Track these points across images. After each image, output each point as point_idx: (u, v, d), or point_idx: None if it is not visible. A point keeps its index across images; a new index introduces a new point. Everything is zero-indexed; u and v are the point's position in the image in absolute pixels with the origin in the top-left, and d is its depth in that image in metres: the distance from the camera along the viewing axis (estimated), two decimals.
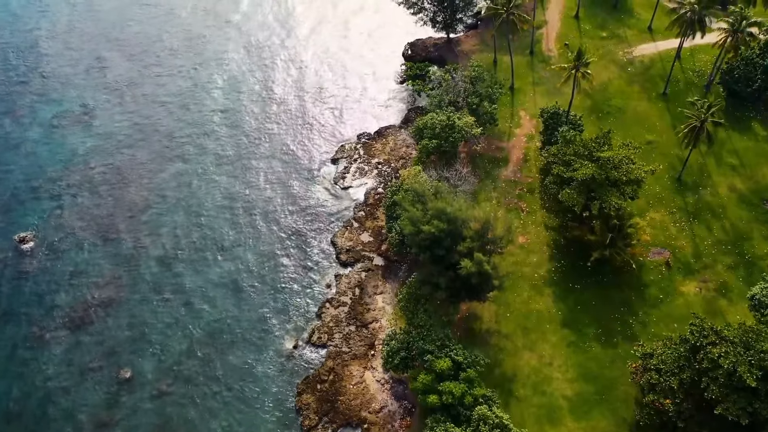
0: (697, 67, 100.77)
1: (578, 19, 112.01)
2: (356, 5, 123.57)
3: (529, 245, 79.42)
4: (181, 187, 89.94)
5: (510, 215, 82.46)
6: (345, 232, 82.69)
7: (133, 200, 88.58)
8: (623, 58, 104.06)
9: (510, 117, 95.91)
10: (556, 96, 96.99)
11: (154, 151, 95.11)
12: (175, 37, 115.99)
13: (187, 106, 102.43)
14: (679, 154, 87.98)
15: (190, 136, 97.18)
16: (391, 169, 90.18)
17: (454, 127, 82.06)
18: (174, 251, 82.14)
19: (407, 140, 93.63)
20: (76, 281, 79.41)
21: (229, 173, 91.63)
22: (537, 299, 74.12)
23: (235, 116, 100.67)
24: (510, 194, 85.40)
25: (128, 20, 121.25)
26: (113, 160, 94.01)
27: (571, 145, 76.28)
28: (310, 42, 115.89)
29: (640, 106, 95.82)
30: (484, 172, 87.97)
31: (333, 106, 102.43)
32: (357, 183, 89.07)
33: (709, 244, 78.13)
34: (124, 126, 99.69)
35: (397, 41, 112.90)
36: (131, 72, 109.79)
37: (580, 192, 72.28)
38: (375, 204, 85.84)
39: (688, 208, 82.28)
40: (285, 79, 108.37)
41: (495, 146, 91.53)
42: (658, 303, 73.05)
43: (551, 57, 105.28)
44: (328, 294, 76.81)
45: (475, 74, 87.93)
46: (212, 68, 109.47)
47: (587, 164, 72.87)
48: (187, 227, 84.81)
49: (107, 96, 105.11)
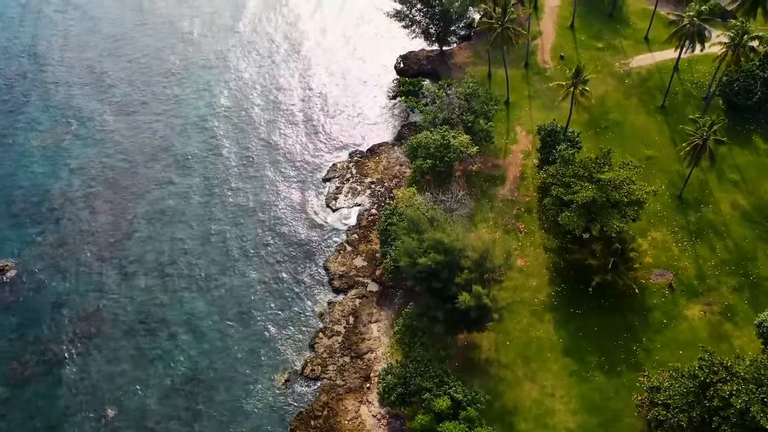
0: (696, 79, 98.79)
1: (573, 30, 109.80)
2: (345, 17, 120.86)
3: (528, 268, 76.99)
4: (167, 211, 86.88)
5: (508, 237, 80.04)
6: (338, 257, 79.96)
7: (118, 225, 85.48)
8: (620, 69, 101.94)
9: (506, 133, 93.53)
10: (552, 110, 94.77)
11: (138, 173, 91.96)
12: (164, 54, 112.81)
13: (172, 126, 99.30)
14: (679, 170, 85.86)
15: (175, 158, 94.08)
16: (384, 188, 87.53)
17: (449, 147, 79.55)
18: (159, 279, 79.14)
19: (400, 158, 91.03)
20: (58, 313, 76.27)
21: (216, 196, 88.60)
22: (537, 326, 71.70)
23: (223, 137, 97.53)
24: (507, 214, 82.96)
25: (118, 32, 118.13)
26: (97, 183, 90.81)
27: (571, 165, 73.94)
28: (300, 58, 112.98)
29: (639, 120, 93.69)
30: (480, 191, 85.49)
31: (324, 123, 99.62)
32: (349, 204, 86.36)
33: (712, 264, 75.97)
34: (108, 146, 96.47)
35: (389, 54, 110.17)
36: (115, 89, 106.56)
37: (580, 215, 69.99)
38: (368, 226, 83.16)
39: (690, 226, 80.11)
40: (274, 97, 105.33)
41: (491, 163, 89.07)
42: (662, 328, 70.78)
43: (547, 69, 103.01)
44: (320, 323, 74.02)
45: (469, 91, 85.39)
46: (197, 89, 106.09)
47: (587, 186, 70.59)
48: (173, 253, 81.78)
49: (93, 114, 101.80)
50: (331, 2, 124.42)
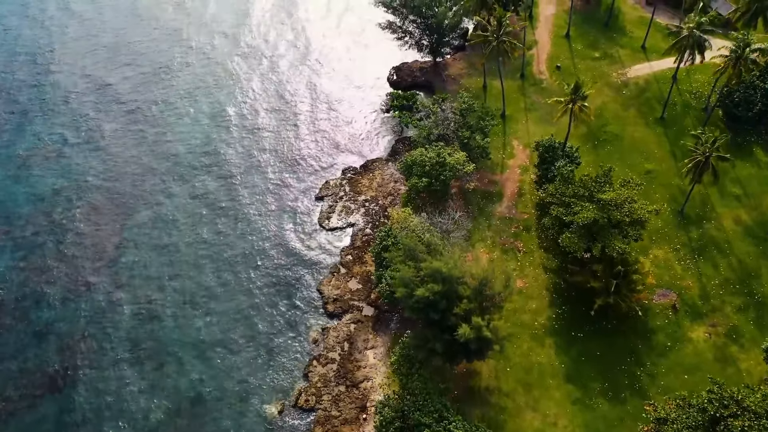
0: (695, 89, 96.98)
1: (569, 39, 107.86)
2: (336, 29, 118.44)
3: (528, 290, 74.84)
4: (155, 233, 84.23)
5: (506, 257, 78.07)
6: (332, 279, 77.56)
7: (104, 248, 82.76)
8: (617, 80, 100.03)
9: (502, 147, 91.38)
10: (549, 123, 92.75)
11: (125, 193, 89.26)
12: (156, 66, 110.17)
13: (162, 141, 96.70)
14: (680, 184, 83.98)
15: (163, 177, 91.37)
16: (378, 207, 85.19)
17: (444, 165, 77.36)
18: (146, 306, 76.50)
19: (395, 174, 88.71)
20: (42, 343, 73.52)
21: (206, 216, 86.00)
22: (538, 351, 69.54)
23: (213, 154, 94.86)
24: (505, 233, 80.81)
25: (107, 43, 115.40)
26: (83, 204, 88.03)
27: (570, 184, 71.85)
28: (290, 72, 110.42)
29: (638, 132, 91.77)
30: (477, 209, 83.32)
31: (316, 138, 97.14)
32: (343, 223, 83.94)
33: (716, 283, 74.06)
34: (96, 164, 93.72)
35: (382, 66, 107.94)
36: (103, 104, 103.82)
37: (581, 236, 67.93)
38: (363, 247, 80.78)
39: (693, 244, 78.18)
40: (264, 113, 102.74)
41: (488, 179, 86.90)
42: (666, 351, 68.77)
43: (543, 80, 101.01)
44: (314, 350, 71.59)
45: (465, 106, 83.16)
46: (186, 102, 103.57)
47: (588, 206, 68.54)
48: (162, 278, 79.15)
49: (81, 130, 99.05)
50: (321, 14, 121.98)
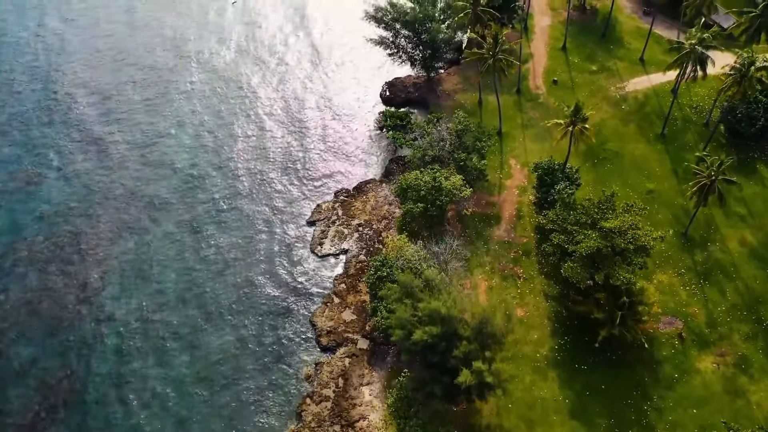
0: (695, 103, 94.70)
1: (566, 51, 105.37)
2: (327, 42, 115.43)
3: (529, 319, 72.14)
4: (140, 262, 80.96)
5: (506, 283, 75.37)
6: (325, 310, 74.61)
7: (87, 279, 79.43)
8: (616, 94, 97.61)
9: (499, 166, 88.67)
10: (546, 140, 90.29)
11: (109, 219, 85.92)
12: (141, 86, 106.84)
13: (147, 164, 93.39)
14: (683, 204, 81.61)
15: (150, 201, 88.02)
16: (373, 231, 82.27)
17: (441, 189, 74.57)
18: (131, 340, 73.31)
19: (389, 197, 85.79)
20: (22, 382, 70.17)
21: (193, 244, 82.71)
22: (541, 385, 66.83)
23: (200, 178, 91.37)
24: (504, 258, 78.07)
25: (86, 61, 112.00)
26: (66, 232, 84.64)
27: (572, 211, 69.22)
28: (279, 88, 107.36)
29: (638, 149, 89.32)
30: (474, 232, 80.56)
31: (307, 159, 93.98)
32: (336, 249, 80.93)
33: (723, 310, 71.63)
34: (79, 189, 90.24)
35: (374, 81, 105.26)
36: (86, 126, 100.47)
37: (584, 266, 65.32)
38: (357, 274, 77.85)
39: (698, 267, 75.73)
40: (253, 131, 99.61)
41: (485, 201, 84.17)
42: (673, 383, 66.22)
43: (540, 95, 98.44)
44: (307, 387, 68.58)
45: (461, 126, 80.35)
46: (171, 122, 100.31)
47: (590, 234, 65.94)
48: (147, 310, 75.92)
49: (64, 153, 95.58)
50: (313, 28, 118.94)
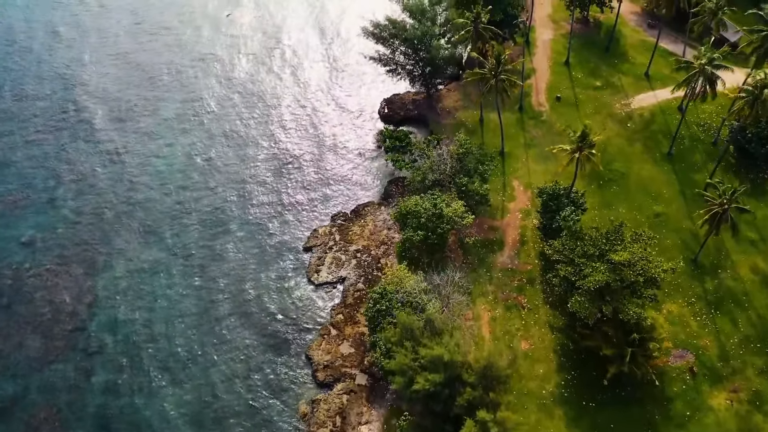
0: (702, 120, 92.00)
1: (569, 66, 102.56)
2: (324, 58, 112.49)
3: (534, 352, 69.33)
4: (129, 290, 78.09)
5: (509, 314, 72.57)
6: (322, 342, 71.76)
7: (75, 309, 76.54)
8: (621, 111, 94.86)
9: (502, 188, 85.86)
10: (550, 160, 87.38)
11: (98, 244, 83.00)
12: (128, 107, 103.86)
13: (137, 186, 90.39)
14: (691, 228, 78.92)
15: (140, 225, 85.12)
16: (371, 258, 79.42)
17: (442, 216, 71.74)
18: (120, 375, 70.46)
19: (388, 221, 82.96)
20: (7, 420, 67.31)
21: (183, 271, 79.76)
22: (547, 424, 64.04)
23: (192, 200, 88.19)
24: (508, 286, 75.26)
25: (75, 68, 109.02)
26: (53, 258, 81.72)
27: (579, 241, 66.42)
28: (274, 105, 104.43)
29: (644, 170, 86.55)
30: (476, 259, 77.74)
31: (303, 181, 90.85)
32: (333, 277, 78.03)
33: (735, 342, 68.94)
34: (66, 213, 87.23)
35: (371, 98, 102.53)
36: (72, 143, 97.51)
37: (592, 300, 62.51)
38: (355, 304, 75.01)
39: (708, 296, 73.00)
40: (246, 149, 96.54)
41: (487, 225, 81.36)
42: (685, 422, 63.54)
43: (543, 113, 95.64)
44: (303, 426, 65.70)
45: (462, 150, 77.52)
46: (161, 143, 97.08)
47: (598, 267, 63.12)
48: (136, 343, 73.08)
49: (49, 174, 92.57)
50: (305, 44, 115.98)
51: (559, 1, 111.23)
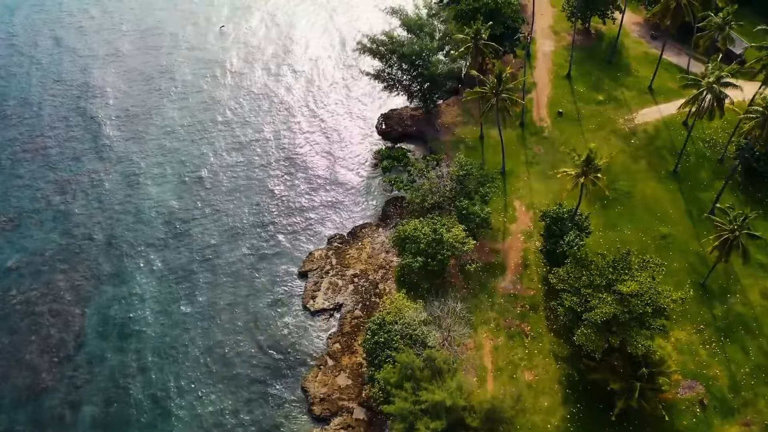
0: (708, 136, 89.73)
1: (570, 79, 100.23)
2: (319, 73, 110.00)
3: (538, 384, 66.83)
4: (119, 318, 75.47)
5: (512, 342, 70.09)
6: (318, 374, 69.18)
7: (63, 338, 73.89)
8: (624, 126, 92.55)
9: (503, 209, 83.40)
10: (553, 178, 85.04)
11: (87, 269, 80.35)
12: (117, 124, 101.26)
13: (128, 207, 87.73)
14: (699, 250, 76.58)
15: (132, 247, 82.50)
16: (369, 283, 76.89)
17: (442, 242, 69.24)
18: (108, 410, 67.77)
19: (386, 243, 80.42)
20: None
21: (175, 297, 77.13)
22: None
23: (185, 222, 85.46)
24: (510, 313, 72.78)
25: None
26: (41, 283, 79.00)
27: (584, 269, 63.96)
28: (269, 121, 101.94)
29: (649, 188, 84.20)
30: (478, 284, 75.23)
31: (298, 201, 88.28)
32: (330, 304, 75.47)
33: (746, 371, 66.54)
34: (55, 235, 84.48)
35: (368, 113, 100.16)
36: (63, 162, 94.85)
37: (599, 333, 60.06)
38: (352, 332, 72.47)
39: (718, 322, 70.62)
40: (239, 169, 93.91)
41: (488, 248, 78.87)
42: None
43: (544, 129, 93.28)
44: None
45: (463, 172, 75.04)
46: (152, 162, 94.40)
47: (606, 298, 60.67)
48: (126, 374, 70.44)
49: (38, 194, 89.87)
50: (302, 57, 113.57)
51: (559, 12, 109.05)
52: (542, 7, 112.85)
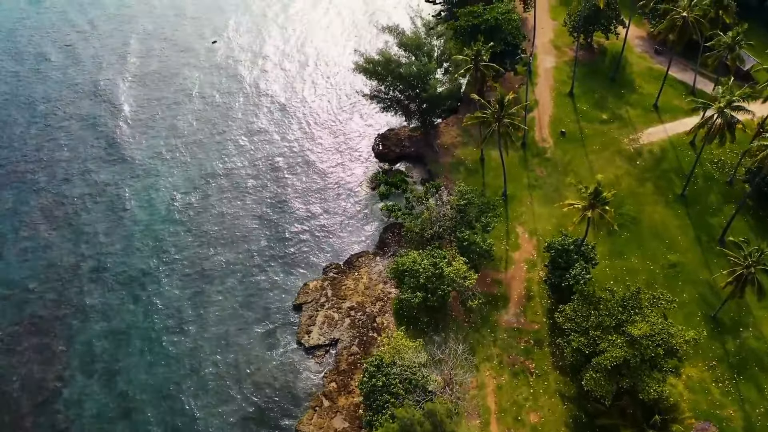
0: (716, 157, 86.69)
1: (573, 97, 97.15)
2: (315, 93, 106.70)
3: (544, 426, 63.76)
4: (104, 356, 72.11)
5: (516, 381, 67.01)
6: (313, 416, 65.95)
7: (44, 378, 70.50)
8: (629, 147, 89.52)
9: (505, 235, 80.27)
10: (556, 202, 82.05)
11: (72, 303, 76.96)
12: (106, 145, 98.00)
13: (115, 236, 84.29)
14: (709, 279, 73.61)
15: (118, 280, 79.11)
16: (366, 316, 73.70)
17: (442, 277, 66.09)
18: None
19: (383, 273, 77.21)
20: None
21: (163, 334, 73.69)
22: None
23: (171, 249, 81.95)
24: (514, 349, 69.69)
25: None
26: (22, 319, 75.63)
27: (592, 307, 60.91)
28: (262, 140, 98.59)
29: (657, 213, 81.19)
30: (479, 317, 72.13)
31: (292, 228, 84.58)
32: (326, 339, 72.22)
33: (762, 411, 63.61)
34: (38, 266, 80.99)
35: (366, 133, 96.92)
36: (46, 189, 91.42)
37: (608, 377, 57.03)
38: (349, 370, 69.26)
39: (731, 358, 67.61)
40: (230, 192, 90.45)
41: (490, 278, 75.76)
42: None
43: (547, 149, 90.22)
44: None
45: (463, 202, 71.86)
46: (141, 186, 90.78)
47: (616, 341, 57.64)
48: (110, 418, 67.10)
49: (19, 223, 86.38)
50: (297, 74, 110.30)
51: (560, 26, 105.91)
52: (542, 21, 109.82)
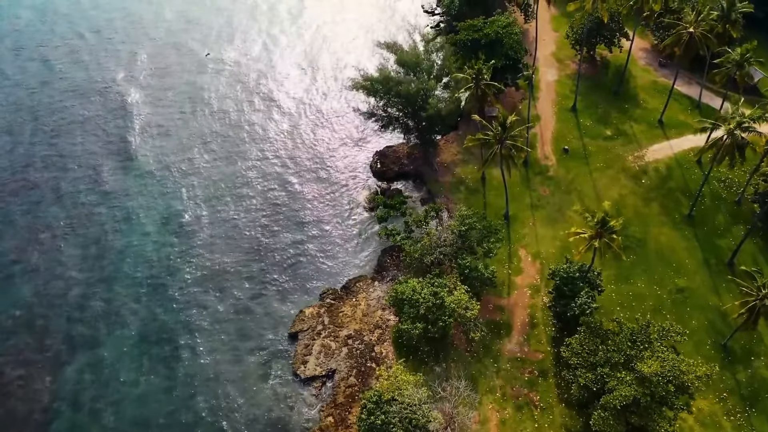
0: (723, 175, 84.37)
1: (576, 112, 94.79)
2: (309, 104, 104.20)
3: None
4: (94, 386, 69.43)
5: (520, 415, 64.56)
6: None
7: (31, 412, 67.78)
8: (634, 164, 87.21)
9: (507, 258, 77.85)
10: (559, 222, 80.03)
11: (59, 333, 74.19)
12: (93, 166, 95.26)
13: (103, 262, 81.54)
14: (718, 305, 71.34)
15: (108, 308, 76.33)
16: (364, 345, 71.17)
17: (443, 308, 63.62)
18: None
19: (382, 299, 74.72)
20: None
21: (153, 366, 70.67)
22: None
23: (162, 276, 78.88)
24: (518, 380, 67.24)
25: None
26: (7, 350, 72.86)
27: (600, 342, 58.49)
28: (256, 157, 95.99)
29: (663, 235, 78.86)
30: (481, 347, 69.66)
31: (288, 252, 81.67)
32: (323, 369, 69.63)
33: None
34: (24, 294, 78.17)
35: (364, 150, 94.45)
36: (34, 209, 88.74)
37: (618, 418, 54.64)
38: (346, 403, 66.74)
39: (742, 389, 65.25)
40: (224, 215, 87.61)
41: (492, 305, 73.33)
42: None
43: (549, 167, 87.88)
44: None
45: (465, 227, 69.38)
46: (132, 206, 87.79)
47: (625, 378, 55.24)
48: None
49: (8, 247, 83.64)
50: (292, 90, 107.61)
51: (563, 39, 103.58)
52: (544, 32, 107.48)
